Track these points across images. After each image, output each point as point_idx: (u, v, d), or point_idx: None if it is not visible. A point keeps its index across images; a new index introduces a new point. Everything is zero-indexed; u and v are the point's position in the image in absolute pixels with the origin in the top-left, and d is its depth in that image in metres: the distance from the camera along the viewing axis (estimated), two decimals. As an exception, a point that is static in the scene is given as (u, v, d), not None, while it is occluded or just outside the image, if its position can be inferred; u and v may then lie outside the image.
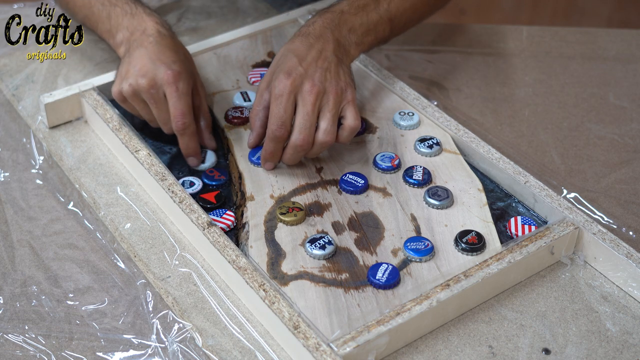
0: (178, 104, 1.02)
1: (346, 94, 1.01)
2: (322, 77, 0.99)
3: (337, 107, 0.99)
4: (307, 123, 0.98)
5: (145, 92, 1.02)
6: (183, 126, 1.02)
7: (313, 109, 0.98)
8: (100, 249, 0.98)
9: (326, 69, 1.00)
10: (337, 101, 0.99)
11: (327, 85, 0.99)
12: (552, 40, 1.35)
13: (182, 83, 1.02)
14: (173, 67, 1.02)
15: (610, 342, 0.87)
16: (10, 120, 1.17)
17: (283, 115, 0.98)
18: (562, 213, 0.96)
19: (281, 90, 0.98)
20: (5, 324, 0.90)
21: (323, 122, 0.99)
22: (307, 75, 0.99)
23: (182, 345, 0.87)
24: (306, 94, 0.98)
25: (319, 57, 1.01)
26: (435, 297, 0.86)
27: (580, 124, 1.19)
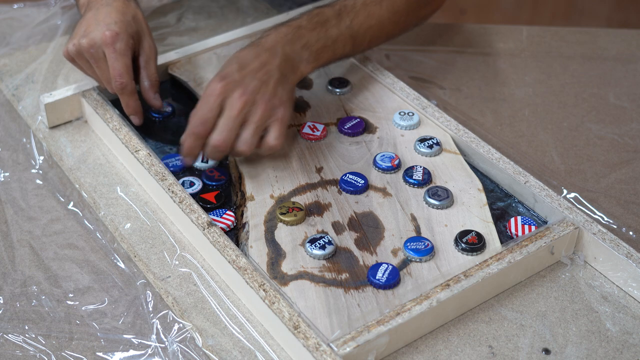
0: (115, 63, 1.05)
1: (276, 111, 0.99)
2: (256, 89, 0.99)
3: (262, 121, 0.98)
4: (228, 125, 0.97)
5: (86, 51, 1.06)
6: (121, 85, 1.05)
7: (237, 114, 0.97)
8: (100, 249, 0.98)
9: (264, 82, 0.99)
10: (264, 115, 0.98)
11: (259, 97, 0.98)
12: (552, 40, 1.35)
13: (120, 43, 1.04)
14: (112, 28, 1.04)
15: (610, 342, 0.87)
16: (10, 120, 1.17)
17: (206, 114, 0.98)
18: (562, 213, 0.96)
19: (211, 92, 0.98)
20: (5, 324, 0.90)
21: (244, 131, 0.98)
22: (241, 83, 0.98)
23: (182, 345, 0.87)
24: (234, 100, 0.97)
25: (261, 69, 1.00)
26: (435, 297, 0.86)
27: (580, 124, 1.19)
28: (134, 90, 1.07)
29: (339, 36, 1.07)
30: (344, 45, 1.08)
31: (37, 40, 1.29)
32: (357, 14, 1.09)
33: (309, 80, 1.20)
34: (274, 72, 1.01)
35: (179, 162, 1.06)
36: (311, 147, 1.08)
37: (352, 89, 1.18)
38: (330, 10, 1.08)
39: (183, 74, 1.19)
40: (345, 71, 1.21)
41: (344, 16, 1.08)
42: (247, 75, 0.99)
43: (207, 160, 1.06)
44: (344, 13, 1.08)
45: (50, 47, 1.27)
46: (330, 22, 1.07)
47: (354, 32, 1.09)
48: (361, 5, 1.09)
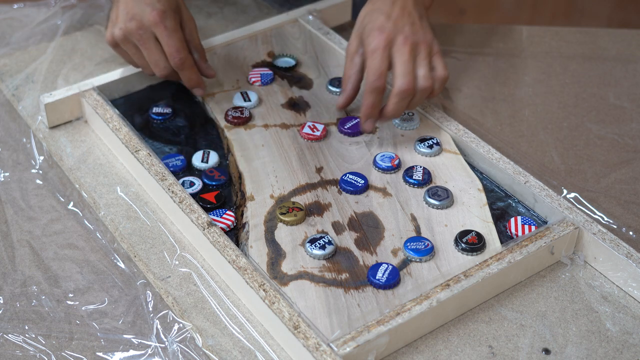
0: (170, 41, 1.05)
1: (432, 44, 1.04)
2: (412, 31, 1.03)
3: (429, 57, 1.03)
4: (407, 69, 1.01)
5: (134, 34, 1.06)
6: (180, 61, 1.06)
7: (410, 58, 1.01)
8: (100, 249, 0.98)
9: (412, 23, 1.04)
10: (427, 51, 1.03)
11: (417, 38, 1.03)
12: (552, 40, 1.35)
13: (169, 20, 1.05)
14: (157, 7, 1.05)
15: (610, 342, 0.87)
16: (10, 120, 1.17)
17: (380, 67, 1.01)
18: (562, 213, 0.96)
19: (377, 45, 1.02)
20: (5, 324, 0.90)
21: (420, 70, 1.02)
22: (397, 30, 1.03)
23: (182, 345, 0.87)
24: (401, 46, 1.02)
25: (404, 13, 1.04)
26: (435, 297, 0.86)
27: (580, 124, 1.19)
28: (193, 64, 1.09)
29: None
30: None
31: (37, 40, 1.29)
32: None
33: (309, 80, 1.20)
34: (414, 12, 1.05)
35: (179, 162, 1.06)
36: (311, 147, 1.08)
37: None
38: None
39: (183, 74, 1.18)
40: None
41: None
42: (398, 22, 1.03)
43: (208, 161, 1.06)
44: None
45: (50, 47, 1.27)
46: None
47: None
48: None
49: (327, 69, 1.21)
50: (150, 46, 1.06)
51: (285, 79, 1.20)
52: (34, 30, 1.32)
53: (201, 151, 1.07)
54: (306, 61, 1.24)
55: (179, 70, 1.08)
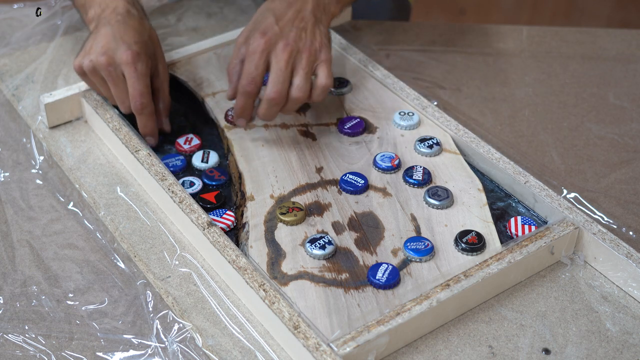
0: (136, 84, 1.04)
1: (320, 53, 1.03)
2: (297, 37, 1.02)
3: (309, 66, 1.02)
4: (280, 78, 1.00)
5: (104, 69, 1.04)
6: (141, 106, 1.05)
7: (286, 65, 1.00)
8: (100, 249, 0.98)
9: (302, 29, 1.02)
10: (310, 60, 1.02)
11: (301, 44, 1.02)
12: (552, 40, 1.35)
13: (141, 64, 1.04)
14: (133, 48, 1.03)
15: (610, 342, 0.87)
16: (10, 120, 1.17)
17: (254, 71, 1.01)
18: (562, 213, 0.96)
19: (255, 48, 1.01)
20: (5, 324, 0.90)
21: (296, 79, 1.01)
22: (282, 35, 1.01)
23: (182, 345, 0.87)
24: (280, 52, 1.01)
25: (296, 17, 1.03)
26: (435, 297, 0.86)
27: (580, 124, 1.19)
28: (153, 112, 1.07)
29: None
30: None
31: (37, 40, 1.29)
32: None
33: (309, 80, 1.20)
34: (309, 17, 1.04)
35: (179, 162, 1.06)
36: (311, 147, 1.08)
37: (352, 89, 1.18)
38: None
39: (183, 74, 1.19)
40: (345, 71, 1.21)
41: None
42: (285, 26, 1.02)
43: (208, 161, 1.06)
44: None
45: (50, 47, 1.27)
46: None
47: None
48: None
49: (327, 69, 1.21)
50: (119, 83, 1.05)
51: (285, 79, 1.20)
52: (34, 30, 1.32)
53: (201, 151, 1.07)
54: (306, 61, 1.24)
55: (137, 115, 1.06)
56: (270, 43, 1.01)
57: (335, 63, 1.22)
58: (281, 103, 1.02)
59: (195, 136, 1.09)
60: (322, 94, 1.04)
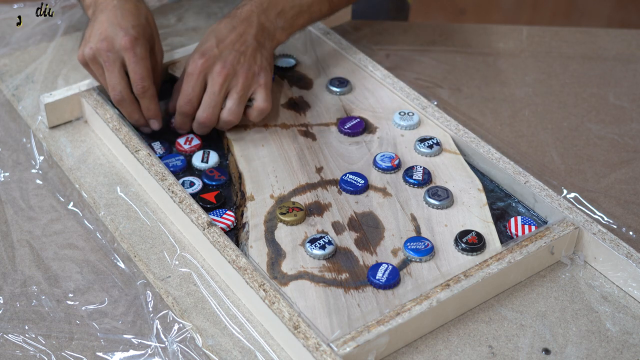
0: (137, 68, 1.05)
1: (258, 77, 1.05)
2: (235, 60, 1.04)
3: (245, 90, 1.04)
4: (211, 102, 1.04)
5: (103, 55, 1.05)
6: (143, 89, 1.06)
7: (220, 89, 1.03)
8: (100, 249, 0.98)
9: (242, 53, 1.04)
10: (246, 84, 1.04)
11: (239, 68, 1.04)
12: (552, 40, 1.35)
13: (140, 48, 1.05)
14: (130, 32, 1.04)
15: (610, 342, 0.87)
16: (10, 120, 1.17)
17: (190, 93, 1.04)
18: (562, 213, 0.96)
19: (192, 70, 1.04)
20: (5, 324, 0.90)
21: (228, 102, 1.04)
22: (220, 57, 1.04)
23: (182, 345, 0.87)
24: (215, 75, 1.03)
25: (238, 40, 1.05)
26: (435, 297, 0.86)
27: (580, 124, 1.19)
28: (155, 94, 1.07)
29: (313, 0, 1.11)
30: (320, 7, 1.12)
31: (37, 40, 1.29)
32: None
33: (309, 80, 1.20)
34: (251, 42, 1.05)
35: (179, 162, 1.06)
36: (311, 147, 1.08)
37: (352, 89, 1.18)
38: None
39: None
40: (345, 71, 1.21)
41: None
42: (225, 49, 1.04)
43: (208, 160, 1.06)
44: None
45: (50, 47, 1.27)
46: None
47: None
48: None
49: (327, 69, 1.22)
50: (114, 69, 1.05)
51: (285, 79, 1.20)
52: (34, 30, 1.32)
53: (201, 151, 1.07)
54: (306, 61, 1.24)
55: (140, 98, 1.06)
56: (207, 65, 1.04)
57: (335, 63, 1.22)
58: (211, 125, 1.06)
59: (195, 136, 1.10)
60: (259, 116, 1.07)
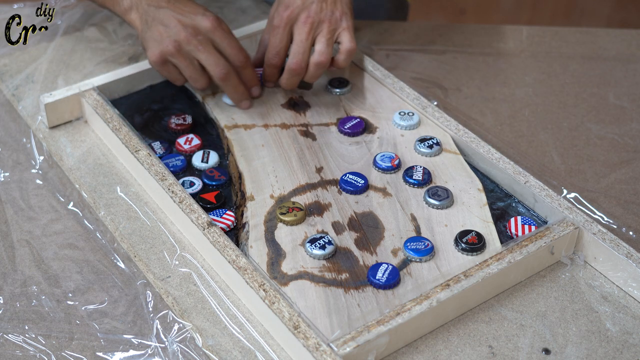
0: (231, 42, 1.08)
1: (341, 22, 1.09)
2: (318, 8, 1.08)
3: (331, 34, 1.08)
4: (300, 49, 1.08)
5: (191, 42, 1.06)
6: (245, 59, 1.10)
7: (307, 37, 1.08)
8: (100, 249, 0.98)
9: (323, 1, 1.08)
10: (331, 29, 1.08)
11: (322, 15, 1.08)
12: (552, 40, 1.35)
13: (224, 24, 1.09)
14: (208, 14, 1.08)
15: (610, 342, 0.87)
16: (10, 120, 1.17)
17: (278, 45, 1.09)
18: (562, 213, 0.96)
19: (278, 22, 1.09)
20: (5, 324, 0.90)
21: (317, 45, 1.08)
22: (303, 7, 1.08)
23: (182, 345, 0.87)
24: (301, 25, 1.08)
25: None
26: (435, 297, 0.86)
27: (580, 124, 1.19)
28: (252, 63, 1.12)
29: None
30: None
31: (37, 40, 1.29)
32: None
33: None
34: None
35: (179, 162, 1.06)
36: (311, 147, 1.08)
37: (352, 89, 1.18)
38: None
39: (183, 74, 1.18)
40: (346, 71, 1.21)
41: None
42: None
43: (208, 160, 1.06)
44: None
45: (50, 47, 1.27)
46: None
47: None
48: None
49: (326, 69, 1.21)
50: (210, 49, 1.07)
51: (285, 79, 1.20)
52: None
53: (201, 151, 1.07)
54: (306, 61, 1.24)
55: (243, 69, 1.10)
56: (292, 16, 1.08)
57: (335, 63, 1.22)
58: (301, 73, 1.09)
59: (195, 136, 1.09)
60: (347, 59, 1.10)
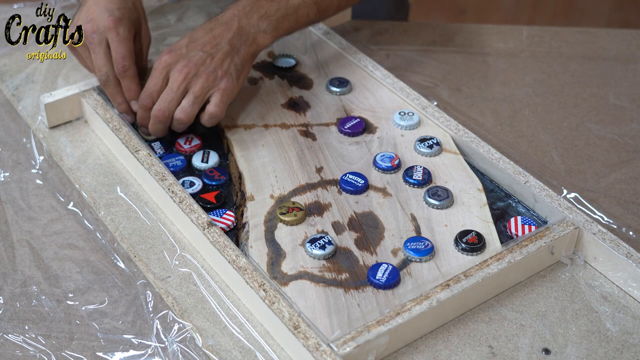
0: (119, 47, 1.06)
1: (219, 82, 1.03)
2: (200, 61, 1.03)
3: (202, 91, 1.02)
4: (167, 97, 1.02)
5: (88, 36, 1.07)
6: (123, 69, 1.07)
7: (178, 86, 1.02)
8: (100, 249, 0.98)
9: (210, 54, 1.03)
10: (204, 85, 1.02)
11: (202, 69, 1.02)
12: (552, 40, 1.35)
13: (123, 28, 1.07)
14: (115, 14, 1.06)
15: (610, 342, 0.87)
16: (10, 120, 1.17)
17: (151, 87, 1.04)
18: (562, 213, 0.96)
19: (157, 65, 1.04)
20: (5, 324, 0.90)
21: (184, 101, 1.03)
22: (186, 56, 1.03)
23: (182, 345, 0.87)
24: (176, 72, 1.02)
25: (210, 42, 1.04)
26: (435, 297, 0.86)
27: (580, 124, 1.19)
28: (136, 75, 1.09)
29: (301, 3, 1.08)
30: (307, 12, 1.09)
31: (37, 40, 1.29)
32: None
33: (309, 80, 1.20)
34: (223, 45, 1.04)
35: (179, 162, 1.06)
36: (311, 147, 1.08)
37: (352, 89, 1.18)
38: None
39: (183, 74, 1.18)
40: (345, 71, 1.21)
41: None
42: (193, 49, 1.03)
43: (208, 160, 1.06)
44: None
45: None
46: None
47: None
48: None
49: (327, 69, 1.22)
50: (99, 50, 1.07)
51: (285, 79, 1.20)
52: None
53: (201, 151, 1.07)
54: (306, 61, 1.24)
55: (121, 78, 1.08)
56: (171, 61, 1.03)
57: (335, 63, 1.22)
58: (165, 121, 1.04)
59: (195, 136, 1.09)
60: (209, 121, 1.05)
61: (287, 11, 1.08)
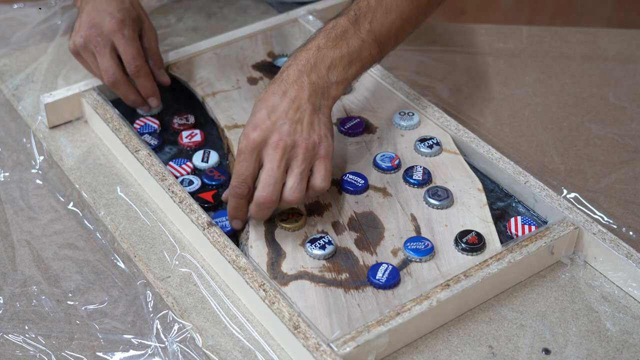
0: (127, 49, 1.08)
1: (319, 148, 0.92)
2: (291, 130, 0.91)
3: (306, 163, 0.91)
4: (270, 179, 0.90)
5: (93, 41, 1.08)
6: (136, 69, 1.08)
7: (279, 164, 0.90)
8: (100, 249, 0.98)
9: (298, 121, 0.92)
10: (306, 156, 0.91)
11: (297, 138, 0.91)
12: (552, 40, 1.35)
13: (127, 29, 1.08)
14: (116, 16, 1.07)
15: (610, 342, 0.87)
16: (10, 120, 1.17)
17: (244, 172, 0.92)
18: (562, 213, 0.96)
19: (244, 146, 0.91)
20: (5, 324, 0.90)
21: (290, 180, 0.91)
22: (274, 129, 0.91)
23: (182, 345, 0.87)
24: (271, 149, 0.90)
25: (291, 107, 0.92)
26: (435, 297, 0.86)
27: (580, 124, 1.19)
28: (149, 72, 1.10)
29: (362, 45, 0.98)
30: (370, 53, 0.99)
31: (37, 40, 1.29)
32: (374, 13, 0.99)
33: (309, 80, 1.20)
34: (306, 106, 0.93)
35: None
36: (311, 147, 1.08)
37: (352, 89, 1.18)
38: (345, 18, 0.98)
39: (183, 74, 1.19)
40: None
41: (362, 20, 0.98)
42: (279, 119, 0.92)
43: (208, 160, 1.06)
44: (360, 17, 0.98)
45: (50, 47, 1.27)
46: (349, 32, 0.97)
47: (376, 34, 0.99)
48: (375, 1, 1.00)
49: (327, 69, 1.21)
50: (105, 53, 1.08)
51: (285, 79, 1.20)
52: (34, 30, 1.32)
53: (201, 151, 1.07)
54: (306, 61, 1.24)
55: (135, 78, 1.09)
56: (260, 140, 0.91)
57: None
58: (272, 206, 0.92)
59: (200, 132, 1.10)
60: (315, 195, 0.97)
61: (351, 57, 0.96)
